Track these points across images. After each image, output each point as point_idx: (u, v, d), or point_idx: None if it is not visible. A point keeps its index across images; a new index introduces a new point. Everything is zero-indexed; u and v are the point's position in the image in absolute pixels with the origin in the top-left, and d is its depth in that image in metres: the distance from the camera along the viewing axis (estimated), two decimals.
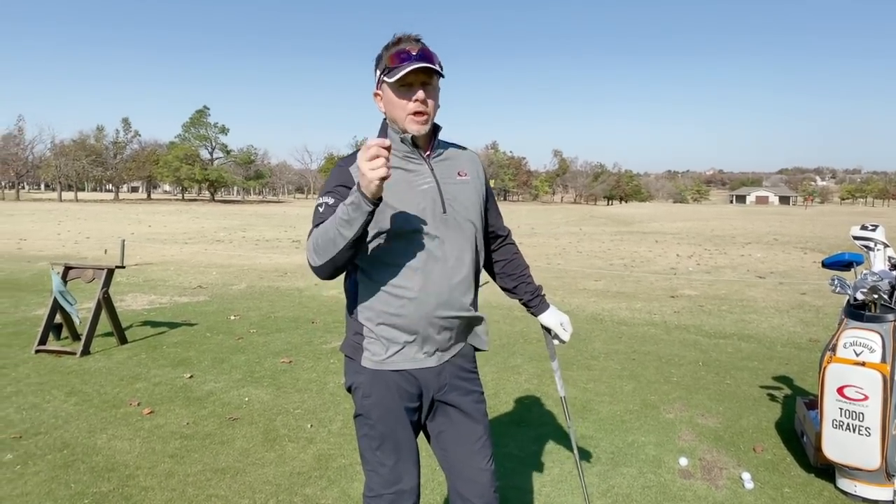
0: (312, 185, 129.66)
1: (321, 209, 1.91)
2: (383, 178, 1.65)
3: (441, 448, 2.10)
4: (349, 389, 2.05)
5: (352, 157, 1.96)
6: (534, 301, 2.33)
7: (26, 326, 6.93)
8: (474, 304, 2.06)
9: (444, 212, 1.96)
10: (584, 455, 3.70)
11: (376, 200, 1.69)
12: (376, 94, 2.00)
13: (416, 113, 1.90)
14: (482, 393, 2.15)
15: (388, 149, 1.66)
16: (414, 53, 1.85)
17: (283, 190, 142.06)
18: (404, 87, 1.88)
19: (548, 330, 2.34)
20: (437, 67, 1.88)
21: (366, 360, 1.98)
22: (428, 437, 2.15)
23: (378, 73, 1.95)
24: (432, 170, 1.98)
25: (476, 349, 2.14)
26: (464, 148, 2.16)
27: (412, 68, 1.83)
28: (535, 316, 2.34)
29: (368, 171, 1.63)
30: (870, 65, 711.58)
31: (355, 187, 1.71)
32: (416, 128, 1.92)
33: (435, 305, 1.94)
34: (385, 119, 2.01)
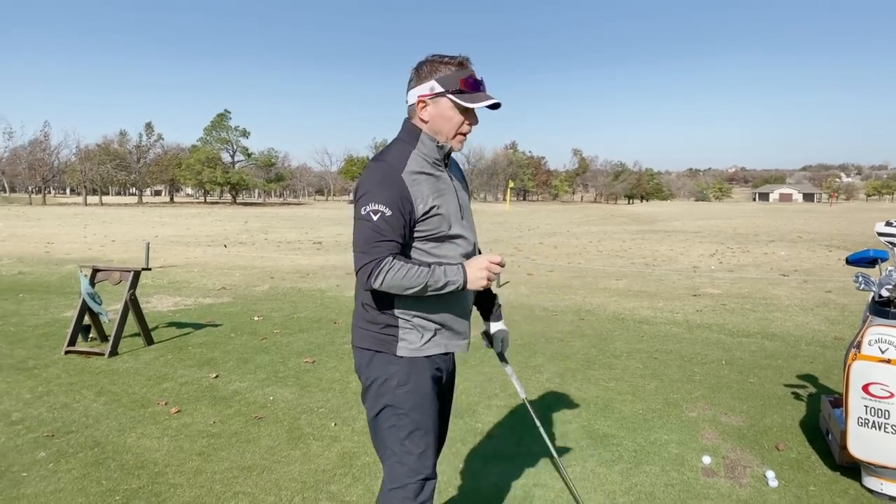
0: (332, 186, 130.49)
1: (376, 217, 1.92)
2: None
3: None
4: (372, 383, 2.11)
5: (396, 157, 2.02)
6: (491, 308, 2.51)
7: (56, 328, 7.08)
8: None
9: (462, 218, 2.13)
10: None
11: None
12: (421, 101, 2.03)
13: (463, 134, 2.07)
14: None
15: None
16: (482, 81, 2.04)
17: (304, 192, 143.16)
18: (468, 112, 2.04)
19: (490, 340, 2.51)
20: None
21: (402, 350, 2.07)
22: None
23: (435, 83, 2.00)
24: (451, 178, 2.14)
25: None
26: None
27: (492, 103, 2.01)
28: (486, 321, 2.51)
29: (488, 276, 1.97)
30: None
31: (460, 270, 1.96)
32: (460, 146, 2.10)
33: (465, 299, 2.16)
34: (408, 120, 2.09)
